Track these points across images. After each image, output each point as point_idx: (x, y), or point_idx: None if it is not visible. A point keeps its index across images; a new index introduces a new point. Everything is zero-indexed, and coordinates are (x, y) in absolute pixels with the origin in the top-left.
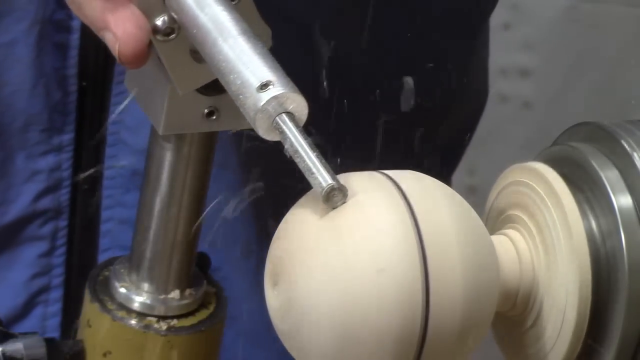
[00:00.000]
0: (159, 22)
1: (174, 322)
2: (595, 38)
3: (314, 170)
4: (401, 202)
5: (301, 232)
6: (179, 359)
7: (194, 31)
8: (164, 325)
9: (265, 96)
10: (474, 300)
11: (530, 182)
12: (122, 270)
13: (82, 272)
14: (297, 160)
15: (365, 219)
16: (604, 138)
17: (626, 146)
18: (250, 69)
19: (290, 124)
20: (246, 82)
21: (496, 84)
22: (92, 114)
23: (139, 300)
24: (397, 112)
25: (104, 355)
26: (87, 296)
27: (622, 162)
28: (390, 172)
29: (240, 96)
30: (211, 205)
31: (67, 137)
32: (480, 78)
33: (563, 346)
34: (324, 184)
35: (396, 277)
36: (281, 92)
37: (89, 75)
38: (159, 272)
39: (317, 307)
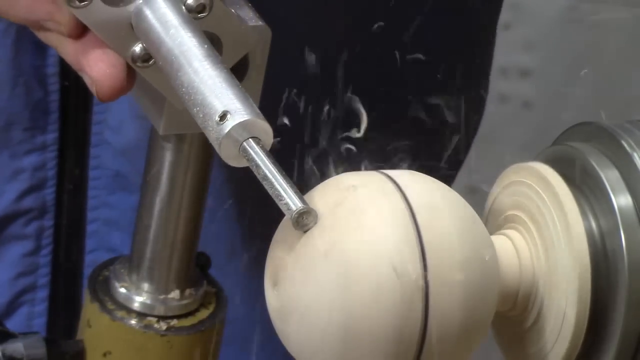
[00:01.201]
0: (136, 49)
1: (174, 322)
2: (595, 38)
3: (283, 195)
4: (401, 201)
5: (301, 232)
6: (179, 359)
7: (160, 63)
8: (164, 325)
9: (229, 123)
10: (474, 300)
11: (530, 182)
12: (122, 270)
13: (69, 273)
14: (265, 185)
15: (365, 218)
16: (604, 138)
17: (626, 146)
18: (213, 97)
19: (257, 149)
20: (209, 111)
21: (496, 84)
22: (76, 113)
23: (139, 300)
24: (396, 114)
25: (104, 355)
26: (87, 296)
27: (622, 162)
28: (390, 172)
29: (205, 127)
30: None
31: (51, 136)
32: (481, 81)
33: (563, 346)
34: (293, 208)
35: (396, 277)
36: (245, 118)
37: (70, 75)
38: (159, 272)
39: (317, 307)
